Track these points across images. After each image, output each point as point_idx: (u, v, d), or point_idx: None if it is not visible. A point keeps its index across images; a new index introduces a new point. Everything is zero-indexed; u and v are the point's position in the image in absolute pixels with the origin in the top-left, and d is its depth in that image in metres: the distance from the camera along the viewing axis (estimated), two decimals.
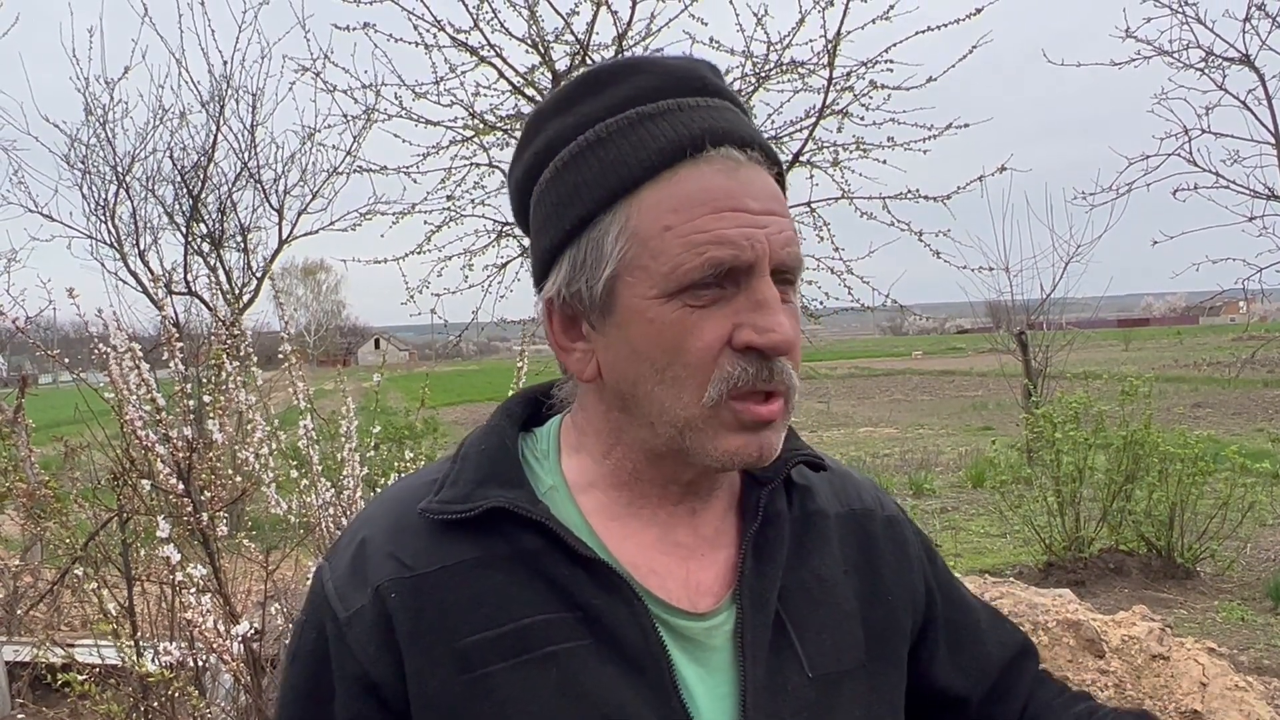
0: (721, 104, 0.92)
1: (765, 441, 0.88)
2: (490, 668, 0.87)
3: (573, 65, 6.41)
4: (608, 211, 0.88)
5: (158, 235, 9.39)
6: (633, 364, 0.89)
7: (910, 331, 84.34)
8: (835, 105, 6.34)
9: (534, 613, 0.88)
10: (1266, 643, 6.26)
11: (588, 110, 0.91)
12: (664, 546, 0.95)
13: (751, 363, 0.86)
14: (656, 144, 0.88)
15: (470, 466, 0.95)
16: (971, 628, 1.13)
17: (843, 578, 1.01)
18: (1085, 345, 17.26)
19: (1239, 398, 20.18)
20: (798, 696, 0.92)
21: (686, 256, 0.85)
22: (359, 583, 0.91)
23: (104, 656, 3.73)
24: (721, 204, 0.85)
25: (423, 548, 0.91)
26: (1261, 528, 8.60)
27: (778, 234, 0.87)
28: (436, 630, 0.88)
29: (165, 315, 3.24)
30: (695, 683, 0.90)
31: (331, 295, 79.25)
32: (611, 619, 0.89)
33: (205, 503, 2.98)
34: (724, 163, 0.87)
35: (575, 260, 0.90)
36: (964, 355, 42.60)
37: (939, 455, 14.71)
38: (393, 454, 4.70)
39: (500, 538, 0.91)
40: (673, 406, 0.88)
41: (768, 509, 0.98)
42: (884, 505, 1.11)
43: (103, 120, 8.88)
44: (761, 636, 0.92)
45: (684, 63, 0.94)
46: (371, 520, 0.96)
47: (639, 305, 0.87)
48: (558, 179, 0.92)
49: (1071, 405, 8.06)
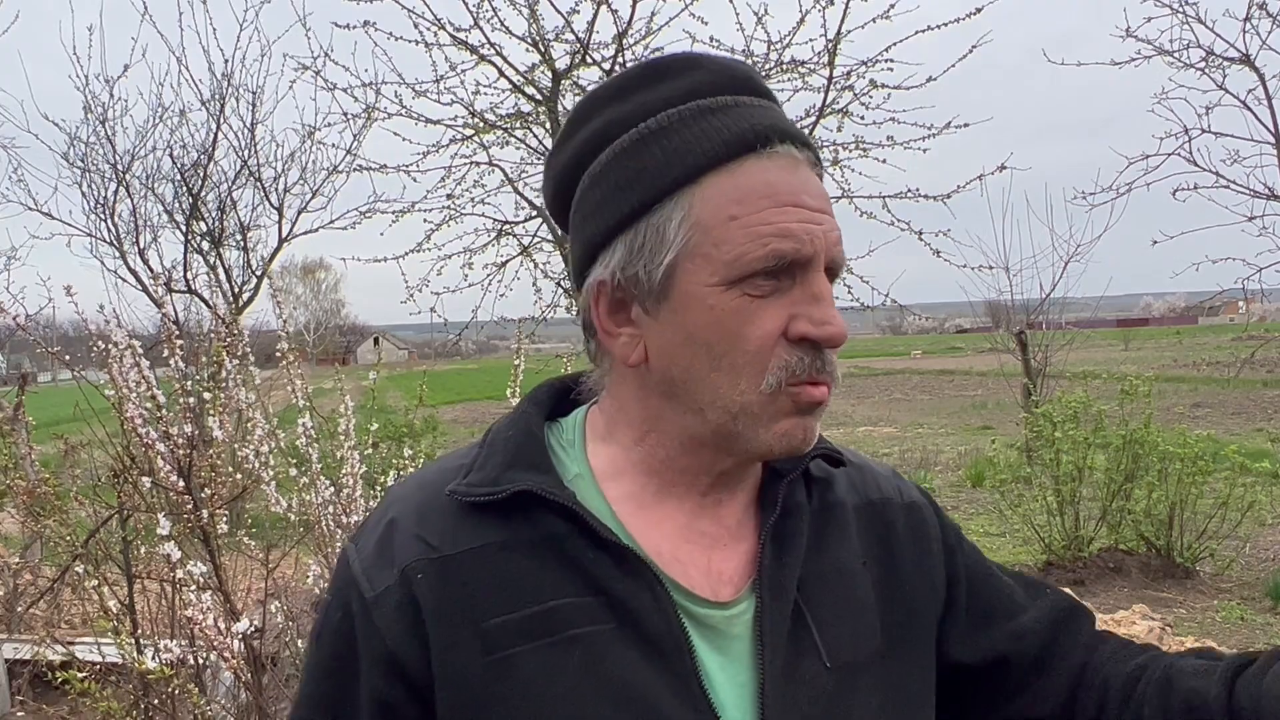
0: (772, 105, 0.95)
1: (809, 426, 0.92)
2: (514, 649, 0.88)
3: (573, 64, 6.42)
4: (670, 198, 0.90)
5: (157, 233, 9.40)
6: (686, 350, 0.91)
7: (910, 331, 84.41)
8: (835, 104, 6.35)
9: (558, 596, 0.90)
10: (1266, 642, 6.26)
11: (647, 99, 0.93)
12: (688, 535, 0.97)
13: (806, 352, 0.89)
14: (722, 136, 0.90)
15: (498, 451, 0.97)
16: (1004, 603, 1.11)
17: (861, 569, 1.02)
18: (1085, 345, 17.28)
19: (1238, 398, 20.19)
20: (815, 685, 0.93)
21: (751, 246, 0.87)
22: (386, 563, 0.92)
23: (104, 654, 3.73)
24: (785, 199, 0.88)
25: (450, 529, 0.93)
26: (1261, 527, 8.60)
27: (831, 232, 0.90)
28: (462, 611, 0.89)
29: (165, 313, 3.23)
30: (715, 670, 0.91)
31: (331, 294, 79.34)
32: (635, 604, 0.90)
33: (205, 500, 2.98)
34: (786, 159, 0.90)
35: (632, 244, 0.91)
36: (963, 355, 42.64)
37: (938, 454, 14.72)
38: (392, 452, 4.70)
39: (526, 521, 0.92)
40: (729, 393, 0.90)
41: (787, 500, 0.99)
42: (904, 493, 1.11)
43: (102, 118, 8.89)
44: (780, 626, 0.93)
45: (738, 63, 0.97)
46: (399, 502, 0.97)
47: (699, 292, 0.89)
48: (616, 164, 0.93)
49: (1071, 405, 8.06)
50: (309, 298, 76.22)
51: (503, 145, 6.98)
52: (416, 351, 78.07)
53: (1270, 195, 8.10)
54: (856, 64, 6.26)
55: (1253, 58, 8.02)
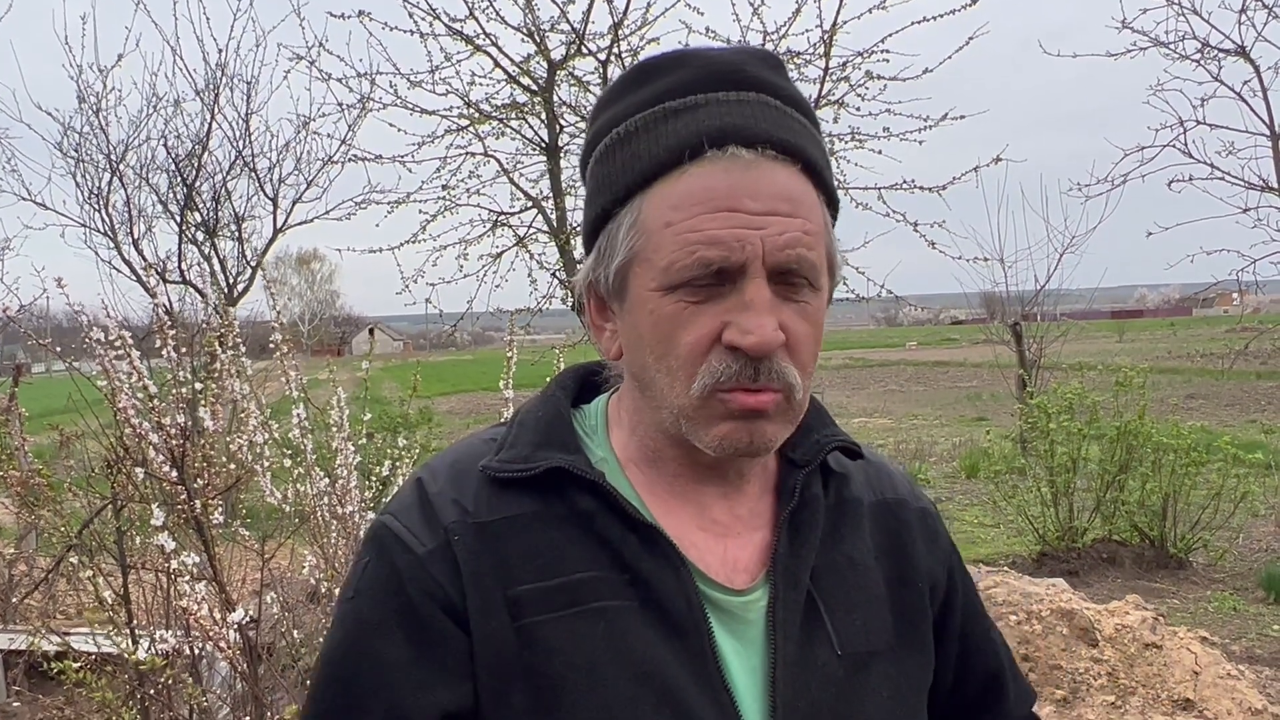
0: (755, 97, 0.93)
1: (756, 430, 0.91)
2: (539, 617, 0.90)
3: (568, 55, 6.40)
4: (624, 205, 0.93)
5: (152, 224, 9.35)
6: (639, 349, 0.94)
7: (905, 322, 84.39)
8: (831, 95, 6.34)
9: (586, 569, 0.92)
10: (1258, 632, 6.29)
11: (629, 103, 0.96)
12: (702, 523, 0.98)
13: (737, 359, 0.88)
14: (668, 141, 0.91)
15: (528, 431, 0.99)
16: (980, 637, 1.16)
17: (874, 563, 1.04)
18: (1079, 337, 17.27)
19: (1232, 389, 20.23)
20: (826, 673, 0.95)
21: (680, 254, 0.88)
22: (431, 523, 0.94)
23: (99, 644, 3.73)
24: (719, 204, 0.87)
25: (484, 498, 0.95)
26: (1254, 518, 8.63)
27: (777, 235, 0.87)
28: (493, 576, 0.91)
29: (158, 303, 3.22)
30: (729, 654, 0.93)
31: (326, 285, 79.12)
32: (659, 583, 0.92)
33: (199, 491, 2.98)
34: (730, 161, 0.89)
35: (600, 248, 0.96)
36: (958, 346, 42.62)
37: (933, 446, 14.73)
38: (387, 442, 4.70)
39: (557, 497, 0.95)
40: (669, 394, 0.92)
41: (804, 492, 1.00)
42: (918, 498, 1.14)
43: (96, 108, 8.85)
44: (794, 613, 0.95)
45: (729, 54, 0.95)
46: (434, 474, 0.99)
47: (643, 296, 0.91)
48: (595, 169, 0.98)
49: (1066, 396, 8.08)
50: (304, 289, 76.05)
51: (498, 136, 6.96)
52: (412, 342, 77.96)
53: (1265, 187, 8.12)
54: (852, 55, 6.26)
55: (1248, 49, 8.03)
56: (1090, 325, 41.55)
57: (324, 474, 3.47)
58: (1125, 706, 4.20)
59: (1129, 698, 4.24)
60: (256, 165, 9.20)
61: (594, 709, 0.88)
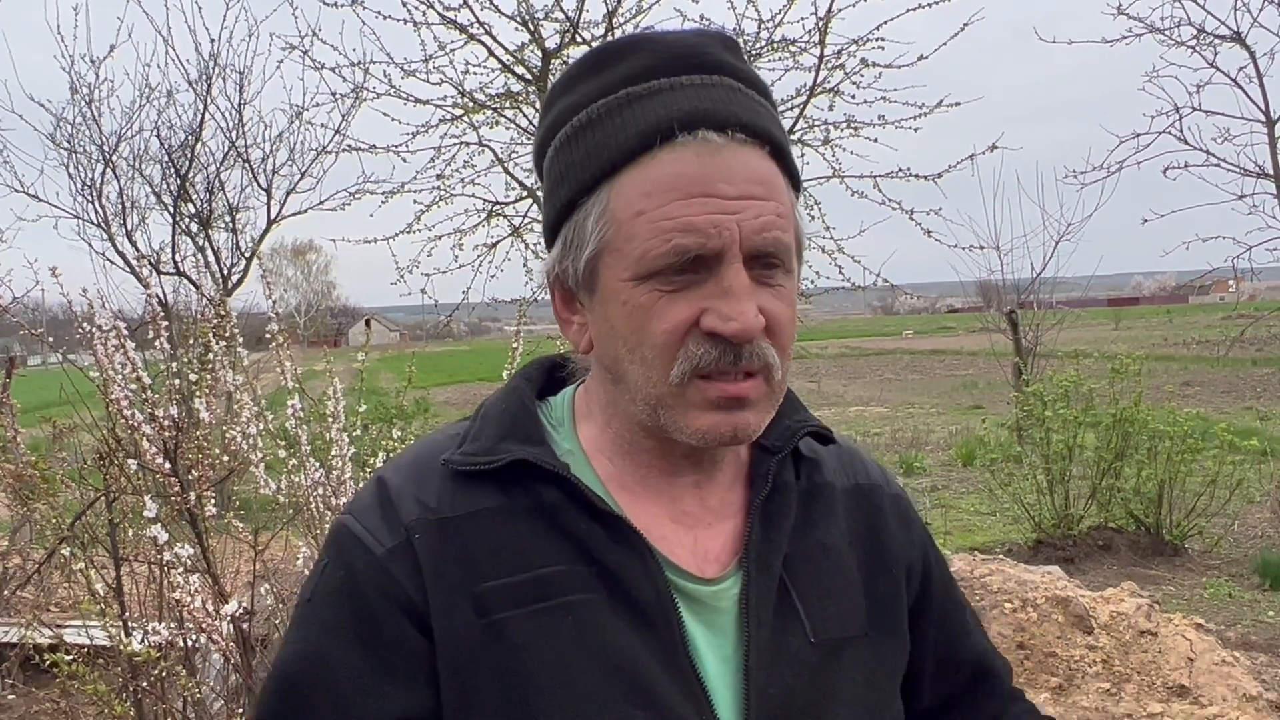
0: (719, 80, 0.91)
1: (740, 420, 0.89)
2: (507, 613, 0.89)
3: (563, 43, 6.38)
4: (591, 194, 0.90)
5: (145, 215, 9.33)
6: (612, 341, 0.92)
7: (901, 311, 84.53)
8: (826, 83, 6.33)
9: (552, 563, 0.91)
10: (1253, 618, 6.31)
11: (587, 90, 0.93)
12: (672, 515, 0.97)
13: (716, 345, 0.87)
14: (635, 128, 0.88)
15: (491, 423, 0.98)
16: (959, 622, 1.16)
17: (847, 548, 1.03)
18: (1075, 324, 17.29)
19: (1228, 376, 20.27)
20: (800, 659, 0.94)
21: (655, 243, 0.86)
22: (391, 522, 0.93)
23: (92, 637, 3.72)
24: (692, 189, 0.86)
25: (447, 493, 0.94)
26: (1249, 505, 8.65)
27: (753, 219, 0.86)
28: (457, 572, 0.90)
29: (151, 294, 3.21)
30: (702, 643, 0.93)
31: (321, 276, 78.97)
32: (626, 574, 0.91)
33: (192, 482, 2.97)
34: (701, 146, 0.87)
35: (566, 239, 0.93)
36: (955, 334, 42.65)
37: (929, 434, 14.74)
38: (382, 433, 4.69)
39: (521, 490, 0.93)
40: (644, 384, 0.90)
41: (776, 478, 0.99)
42: (890, 484, 1.13)
43: (88, 99, 8.81)
44: (766, 601, 0.95)
45: (688, 38, 0.94)
46: (395, 470, 0.98)
47: (615, 287, 0.90)
48: (556, 159, 0.94)
49: (1062, 384, 8.09)
50: (299, 280, 75.92)
51: (493, 125, 6.94)
52: (408, 333, 77.93)
53: (1260, 173, 8.11)
54: (847, 43, 6.25)
55: (1244, 35, 8.02)
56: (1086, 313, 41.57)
57: (319, 465, 3.46)
58: (1120, 694, 4.21)
59: (1124, 685, 4.25)
60: (250, 156, 9.17)
61: (565, 704, 0.87)
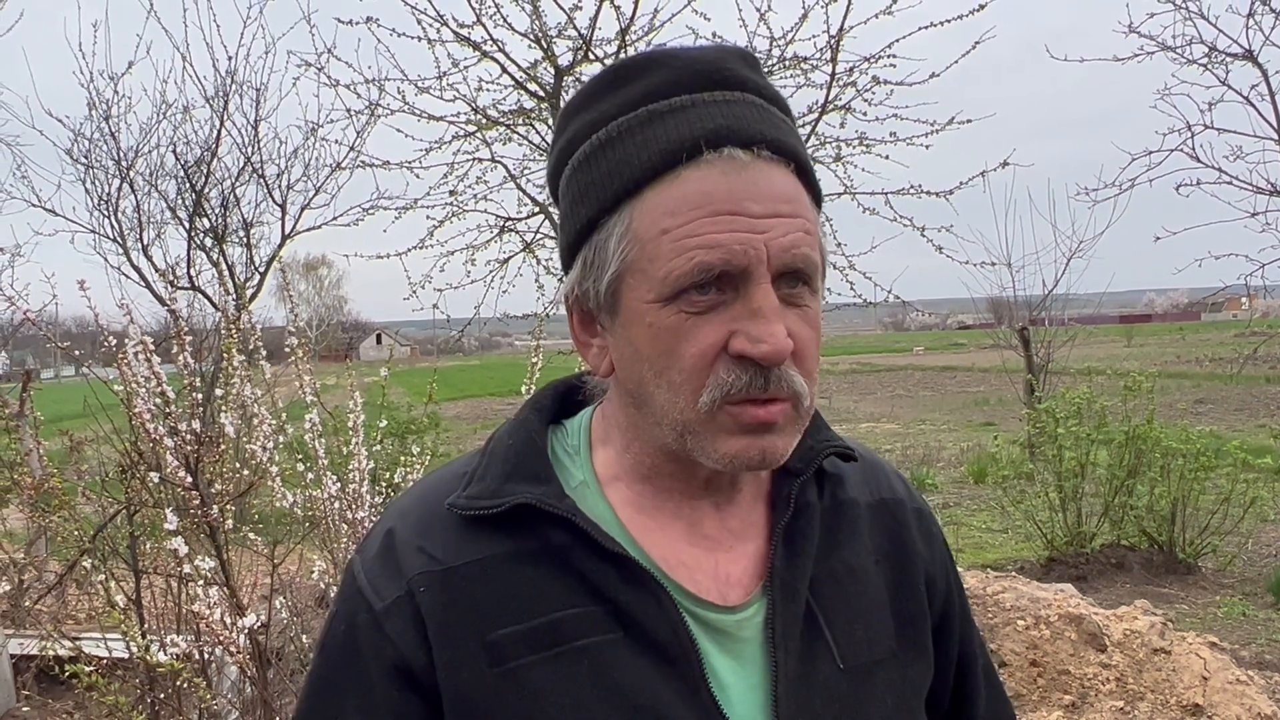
0: (741, 97, 0.89)
1: (768, 445, 0.87)
2: (522, 660, 0.87)
3: (575, 60, 6.42)
4: (613, 213, 0.88)
5: (161, 230, 9.38)
6: (636, 364, 0.89)
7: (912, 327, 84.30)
8: (838, 100, 6.35)
9: (565, 607, 0.89)
10: (1268, 638, 6.27)
11: (606, 107, 0.90)
12: (692, 539, 0.95)
13: (746, 370, 0.84)
14: (659, 145, 0.86)
15: (497, 461, 0.95)
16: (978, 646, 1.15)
17: (874, 567, 1.01)
18: (1087, 341, 17.23)
19: (1241, 394, 20.16)
20: (829, 687, 0.92)
21: (679, 262, 0.83)
22: (392, 574, 0.92)
23: (110, 649, 3.75)
24: (719, 207, 0.83)
25: (452, 541, 0.92)
26: (1263, 523, 8.60)
27: (781, 237, 0.84)
28: (467, 623, 0.88)
29: (174, 309, 3.24)
30: (727, 674, 0.90)
31: (333, 290, 79.23)
32: (641, 613, 0.89)
33: (213, 496, 3.00)
34: (727, 164, 0.85)
35: (586, 260, 0.90)
36: (966, 351, 42.55)
37: (941, 451, 14.71)
38: (397, 448, 4.71)
39: (529, 533, 0.91)
40: (671, 410, 0.87)
41: (798, 500, 0.97)
42: (913, 498, 1.10)
43: (106, 115, 8.87)
44: (793, 628, 0.92)
45: (708, 54, 0.91)
46: (400, 514, 0.97)
47: (639, 308, 0.87)
48: (573, 178, 0.92)
49: (1074, 401, 8.07)
50: (311, 294, 76.16)
51: (505, 142, 6.97)
52: (419, 348, 78.06)
53: (1273, 191, 8.09)
54: (859, 60, 6.26)
55: (1255, 53, 8.00)
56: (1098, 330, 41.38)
57: (335, 478, 3.49)
58: (1134, 712, 4.19)
59: (1137, 703, 4.23)
60: (265, 171, 9.22)
61: None
